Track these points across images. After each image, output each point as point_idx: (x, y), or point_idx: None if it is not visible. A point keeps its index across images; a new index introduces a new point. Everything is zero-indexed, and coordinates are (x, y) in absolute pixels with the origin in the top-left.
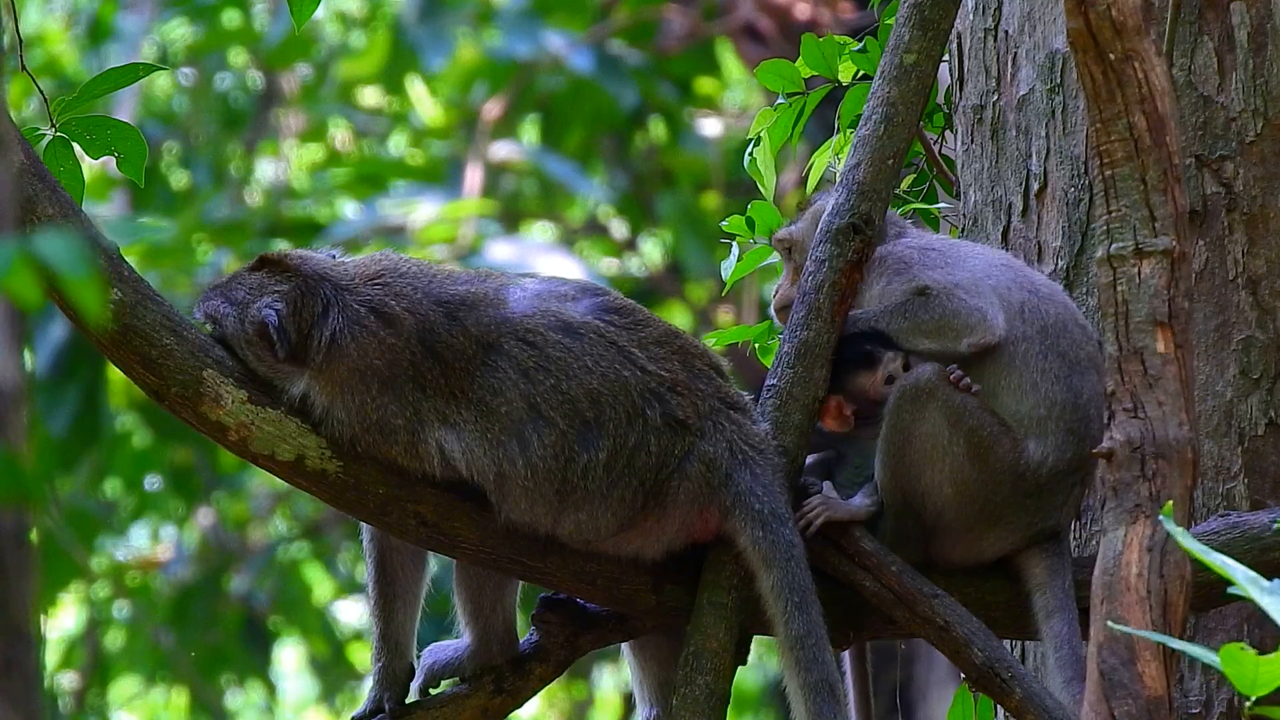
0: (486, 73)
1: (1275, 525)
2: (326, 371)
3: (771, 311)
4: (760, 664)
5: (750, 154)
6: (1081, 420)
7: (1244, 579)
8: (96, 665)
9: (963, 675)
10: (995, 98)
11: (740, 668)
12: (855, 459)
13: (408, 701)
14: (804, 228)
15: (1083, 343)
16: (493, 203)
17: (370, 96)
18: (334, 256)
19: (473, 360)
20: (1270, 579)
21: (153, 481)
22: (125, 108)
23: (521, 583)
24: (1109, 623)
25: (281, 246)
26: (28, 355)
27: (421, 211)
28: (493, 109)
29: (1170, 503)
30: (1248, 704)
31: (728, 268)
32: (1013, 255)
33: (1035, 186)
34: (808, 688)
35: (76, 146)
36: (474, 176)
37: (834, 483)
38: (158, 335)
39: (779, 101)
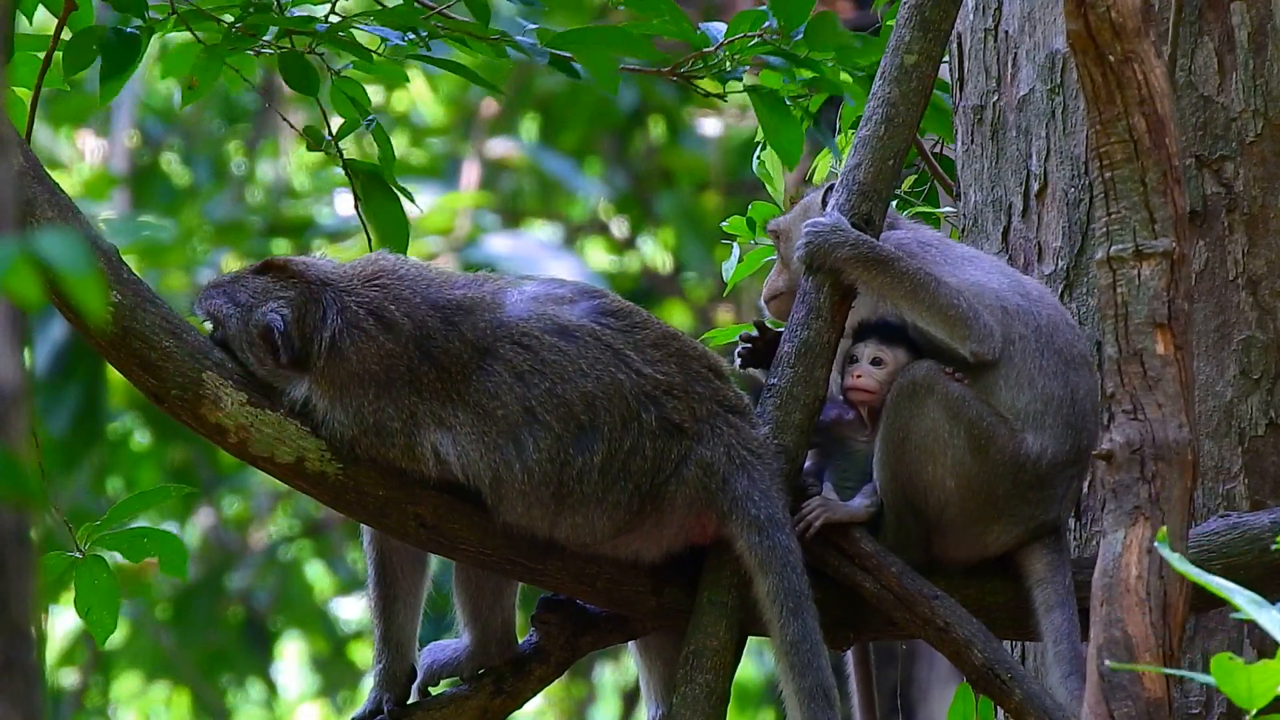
0: (485, 71)
1: (1272, 538)
2: (327, 374)
3: (761, 301)
4: (763, 660)
5: (759, 156)
6: (1078, 414)
7: (1244, 600)
8: (97, 664)
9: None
10: (995, 98)
11: (743, 665)
12: (842, 463)
13: (408, 702)
14: (793, 219)
15: (1074, 341)
16: (490, 196)
17: (370, 95)
18: (332, 261)
19: (468, 365)
20: (1270, 580)
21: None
22: (125, 106)
23: (521, 583)
24: (1108, 656)
25: (281, 247)
26: (28, 355)
27: (418, 202)
28: (491, 106)
29: (1164, 529)
30: (1248, 717)
31: (729, 268)
32: (998, 258)
33: (1035, 187)
34: (802, 693)
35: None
36: (471, 172)
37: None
38: (157, 338)
39: (785, 102)
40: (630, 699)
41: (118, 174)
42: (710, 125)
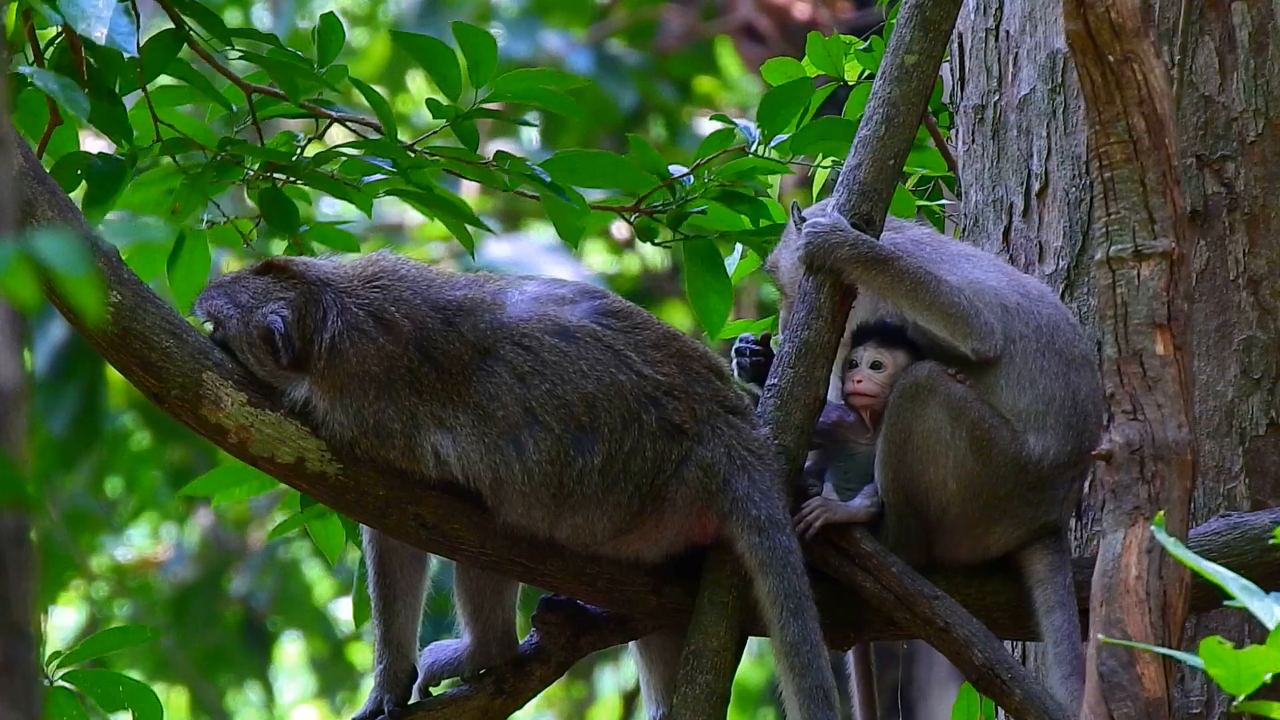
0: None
1: (1272, 537)
2: (327, 376)
3: (772, 344)
4: (763, 661)
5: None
6: (1080, 415)
7: (1238, 588)
8: (96, 664)
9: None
10: (996, 98)
11: (744, 664)
12: (843, 464)
13: (409, 702)
14: (779, 249)
15: (1076, 341)
16: (490, 200)
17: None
18: (333, 262)
19: (469, 366)
20: (1272, 579)
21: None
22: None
23: (522, 584)
24: (1101, 635)
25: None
26: (28, 355)
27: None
28: (491, 107)
29: (1161, 513)
30: (1235, 703)
31: (731, 265)
32: (995, 255)
33: (1036, 186)
34: (802, 693)
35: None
36: None
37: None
38: (157, 338)
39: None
40: (630, 699)
41: None
42: (710, 125)
